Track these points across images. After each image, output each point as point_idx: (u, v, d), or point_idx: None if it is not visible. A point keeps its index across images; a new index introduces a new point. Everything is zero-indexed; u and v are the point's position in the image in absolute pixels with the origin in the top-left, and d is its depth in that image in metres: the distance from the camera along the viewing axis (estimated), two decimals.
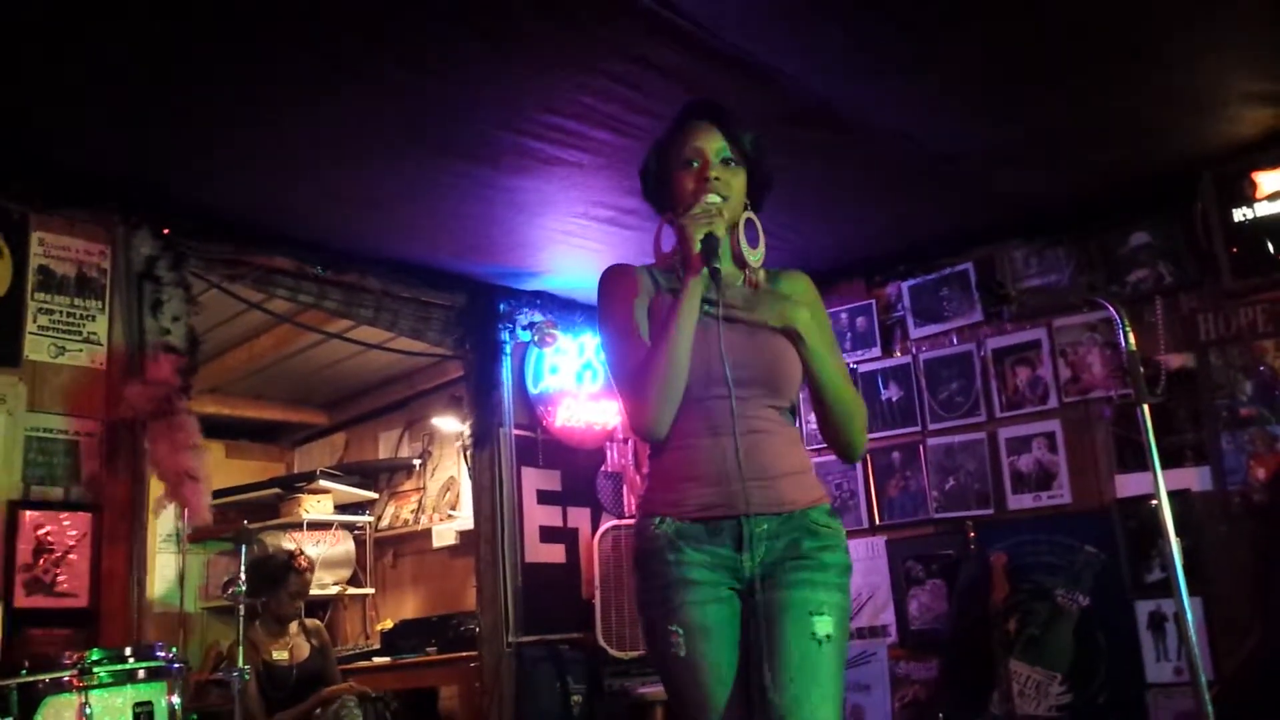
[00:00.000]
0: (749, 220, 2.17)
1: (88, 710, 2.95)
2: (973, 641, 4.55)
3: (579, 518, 5.59)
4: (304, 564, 4.87)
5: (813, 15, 3.12)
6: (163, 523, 6.05)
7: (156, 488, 3.98)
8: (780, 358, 2.07)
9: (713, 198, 2.08)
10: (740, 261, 2.16)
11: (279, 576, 4.73)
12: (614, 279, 2.18)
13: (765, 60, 3.30)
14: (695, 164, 2.13)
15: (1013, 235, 4.86)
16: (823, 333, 2.13)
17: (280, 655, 4.67)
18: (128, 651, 3.17)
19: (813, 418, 2.21)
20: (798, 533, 2.01)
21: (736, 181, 2.14)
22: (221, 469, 6.76)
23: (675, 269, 2.16)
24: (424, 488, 6.91)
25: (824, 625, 1.94)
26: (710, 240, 2.01)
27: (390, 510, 7.07)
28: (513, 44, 3.16)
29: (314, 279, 4.62)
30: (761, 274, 2.18)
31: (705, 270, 2.00)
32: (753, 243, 2.16)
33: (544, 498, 5.45)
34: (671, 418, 2.04)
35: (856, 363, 5.23)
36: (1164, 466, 3.09)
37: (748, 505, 1.97)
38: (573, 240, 4.68)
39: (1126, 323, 3.15)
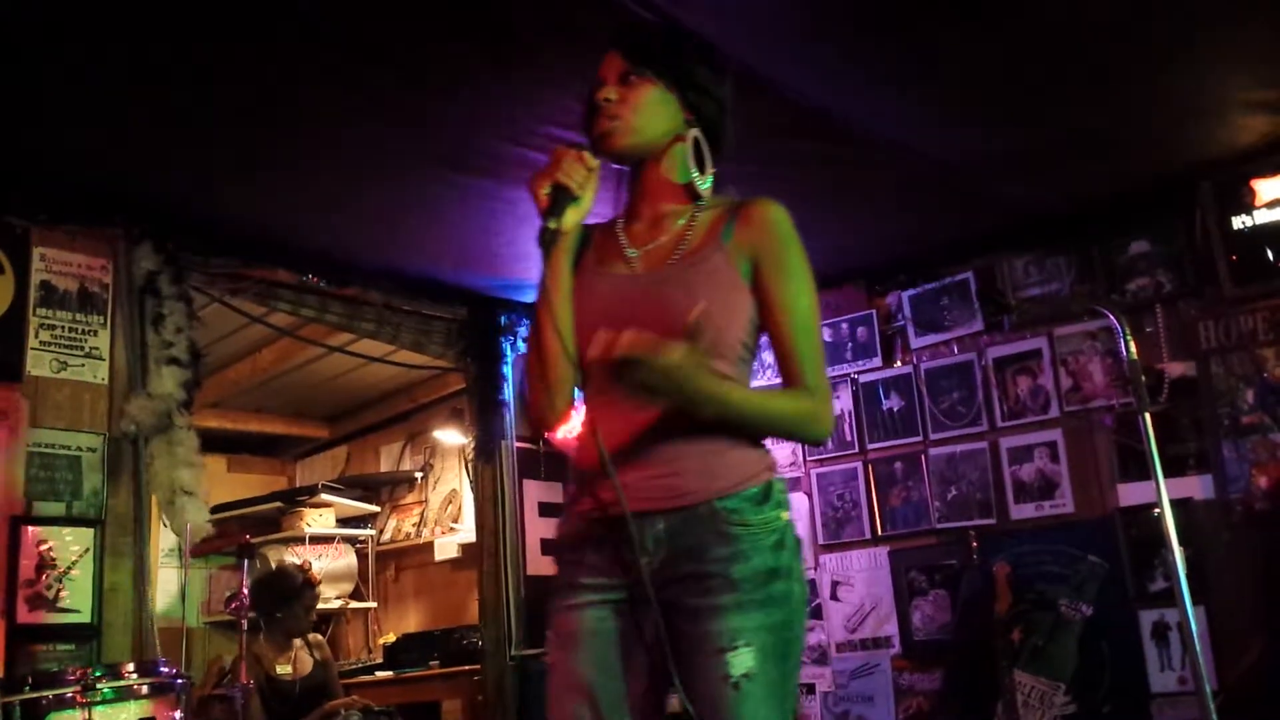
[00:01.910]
0: (694, 140, 1.79)
1: None
2: (976, 652, 4.53)
3: None
4: (315, 579, 4.90)
5: (814, 26, 3.13)
6: (164, 537, 6.06)
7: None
8: (684, 314, 1.63)
9: (606, 125, 1.75)
10: (673, 194, 1.81)
11: (295, 593, 4.73)
12: None
13: (765, 71, 3.30)
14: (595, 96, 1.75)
15: (1013, 244, 4.85)
16: (778, 274, 1.77)
17: (284, 669, 4.66)
18: (131, 667, 3.18)
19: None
20: (705, 534, 1.62)
21: (638, 95, 1.75)
22: (223, 483, 6.75)
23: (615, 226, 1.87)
24: (426, 501, 6.90)
25: (741, 662, 1.57)
26: (557, 193, 1.68)
27: (392, 523, 7.06)
28: (514, 57, 3.17)
29: (316, 292, 4.64)
30: (702, 214, 1.80)
31: (550, 229, 1.66)
32: (697, 167, 1.79)
33: (546, 510, 5.43)
34: (548, 403, 1.74)
35: (858, 373, 5.22)
36: (1166, 475, 3.08)
37: (625, 501, 1.59)
38: None
39: (1127, 331, 3.15)
